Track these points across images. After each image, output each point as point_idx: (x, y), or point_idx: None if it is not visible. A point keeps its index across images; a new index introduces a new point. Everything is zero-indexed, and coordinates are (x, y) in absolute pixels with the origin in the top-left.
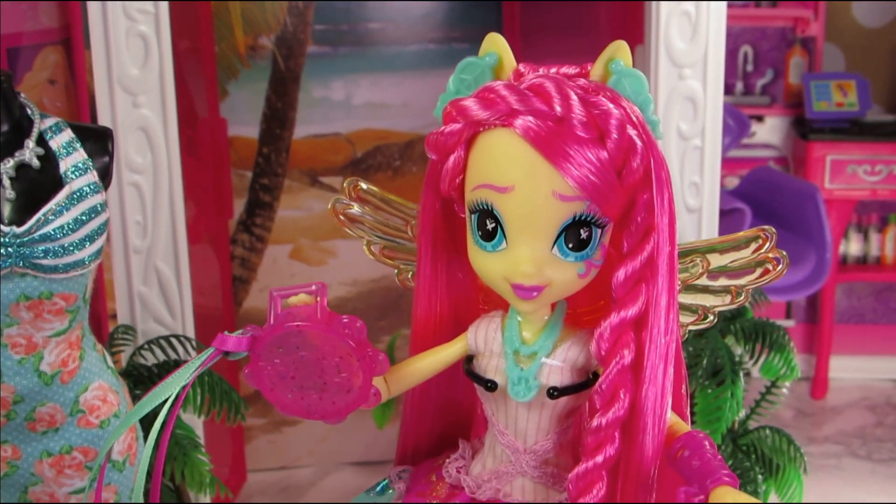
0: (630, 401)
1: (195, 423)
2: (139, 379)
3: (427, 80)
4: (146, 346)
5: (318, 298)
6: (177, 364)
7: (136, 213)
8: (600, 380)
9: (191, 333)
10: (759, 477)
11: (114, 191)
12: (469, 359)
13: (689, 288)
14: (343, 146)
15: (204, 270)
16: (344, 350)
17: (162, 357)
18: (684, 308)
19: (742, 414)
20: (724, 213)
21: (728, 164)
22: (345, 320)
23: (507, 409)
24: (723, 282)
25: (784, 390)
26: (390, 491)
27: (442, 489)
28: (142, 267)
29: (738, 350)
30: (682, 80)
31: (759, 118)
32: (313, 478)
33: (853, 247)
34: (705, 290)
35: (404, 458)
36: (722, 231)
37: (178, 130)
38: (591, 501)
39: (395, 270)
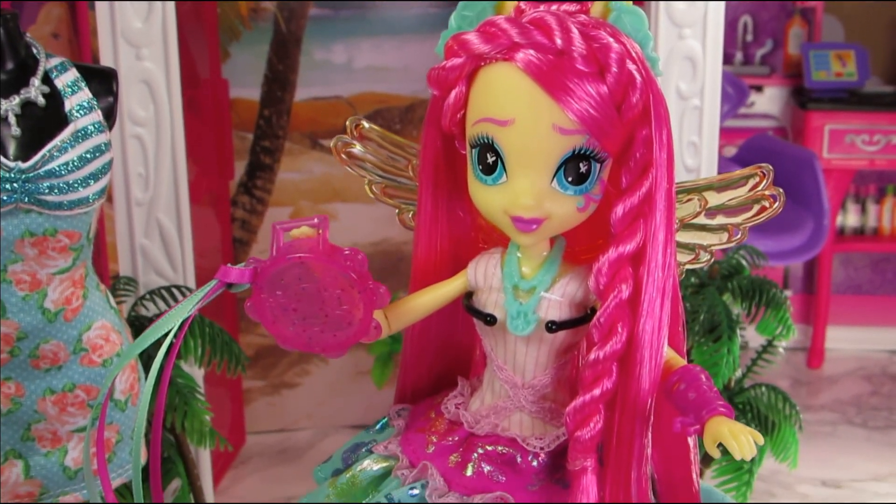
0: (628, 335)
1: (195, 375)
2: (140, 329)
3: (429, 44)
4: (147, 297)
5: (321, 231)
6: None
7: (139, 165)
8: (598, 313)
9: (192, 286)
10: None
11: (116, 143)
12: (469, 295)
13: (687, 227)
14: (344, 109)
15: (205, 232)
16: (345, 282)
17: (163, 307)
18: (681, 247)
19: (738, 373)
20: None
21: (727, 133)
22: (346, 252)
23: (506, 344)
24: (720, 220)
25: (780, 350)
26: (389, 428)
27: (441, 425)
28: (143, 219)
29: (736, 310)
30: (682, 39)
31: (758, 88)
32: (312, 440)
33: (851, 218)
34: (702, 228)
35: (403, 398)
36: None
37: (180, 85)
38: (589, 434)
39: (396, 210)
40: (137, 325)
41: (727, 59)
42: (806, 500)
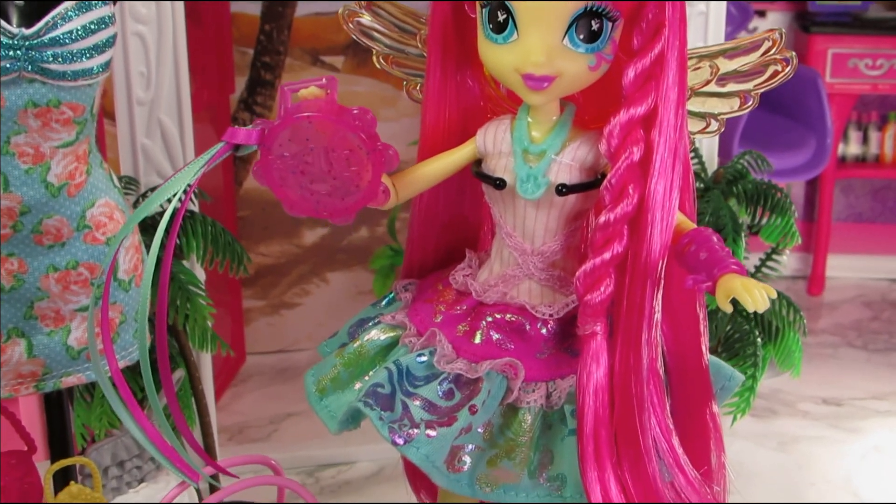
0: (639, 197)
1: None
2: (142, 228)
3: None
4: (148, 195)
5: (329, 91)
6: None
7: (140, 64)
8: (609, 175)
9: None
10: (759, 340)
11: (117, 41)
12: (478, 162)
13: (697, 94)
14: None
15: (205, 148)
16: (354, 142)
17: (165, 206)
18: (692, 115)
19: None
20: None
21: None
22: (355, 112)
23: (516, 210)
24: (731, 87)
25: (784, 258)
26: (396, 302)
27: (449, 295)
28: (145, 119)
29: (741, 219)
30: None
31: (762, 13)
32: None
33: (852, 145)
34: (714, 95)
35: (410, 274)
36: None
37: None
38: (599, 298)
39: (404, 82)
40: (139, 224)
41: None
42: (807, 418)
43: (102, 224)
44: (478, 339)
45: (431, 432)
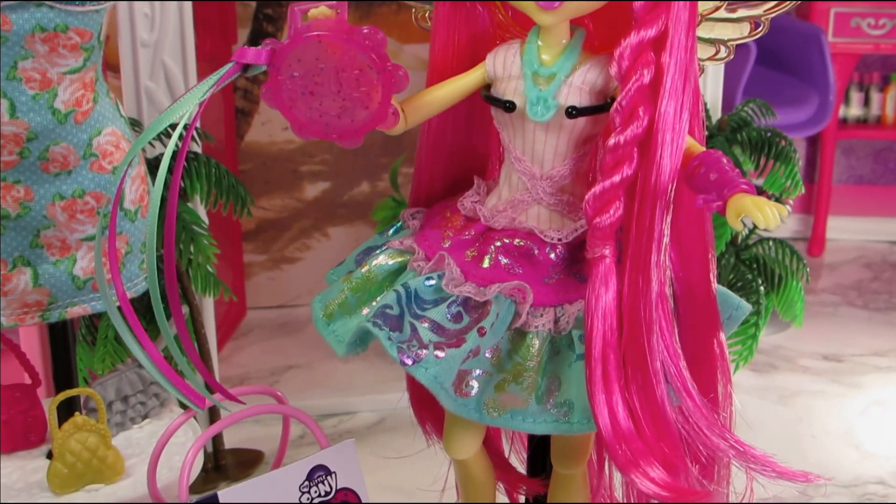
0: (649, 119)
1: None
2: (149, 168)
3: None
4: (154, 137)
5: (339, 11)
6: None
7: (144, 5)
8: (619, 97)
9: None
10: (762, 289)
11: None
12: (487, 87)
13: (707, 20)
14: None
15: (207, 101)
16: (364, 62)
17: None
18: (702, 41)
19: (745, 231)
20: None
21: None
22: (365, 31)
23: (525, 133)
24: (742, 13)
25: (787, 207)
26: (404, 230)
27: (457, 221)
28: (149, 61)
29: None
30: None
31: None
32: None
33: (854, 106)
34: (724, 21)
35: (417, 202)
36: (726, 69)
37: None
38: (608, 221)
39: (413, 9)
40: (147, 164)
41: None
42: (808, 373)
43: (109, 153)
44: (486, 264)
45: (440, 353)
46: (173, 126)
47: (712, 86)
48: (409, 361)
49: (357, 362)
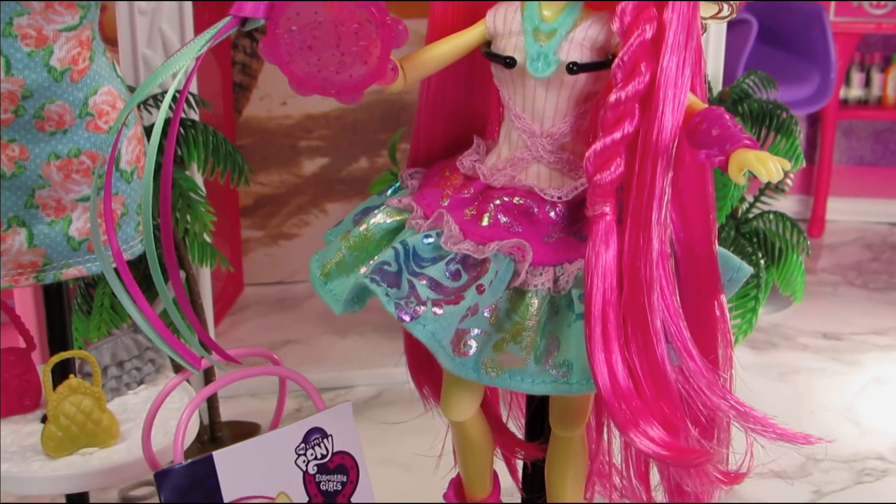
0: (651, 76)
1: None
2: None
3: None
4: (151, 103)
5: None
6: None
7: None
8: (621, 53)
9: None
10: (762, 262)
11: None
12: (487, 44)
13: None
14: None
15: (204, 76)
16: (362, 16)
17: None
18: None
19: (745, 205)
20: (730, 25)
21: None
22: None
23: (525, 90)
24: None
25: (788, 181)
26: (403, 189)
27: (456, 179)
28: (146, 29)
29: None
30: None
31: None
32: (310, 291)
33: (855, 87)
34: None
35: (416, 162)
36: (728, 44)
37: None
38: (609, 178)
39: None
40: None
41: None
42: (807, 351)
43: (105, 112)
44: (485, 222)
45: (438, 310)
46: (166, 91)
47: (714, 59)
48: (407, 318)
49: (354, 337)
